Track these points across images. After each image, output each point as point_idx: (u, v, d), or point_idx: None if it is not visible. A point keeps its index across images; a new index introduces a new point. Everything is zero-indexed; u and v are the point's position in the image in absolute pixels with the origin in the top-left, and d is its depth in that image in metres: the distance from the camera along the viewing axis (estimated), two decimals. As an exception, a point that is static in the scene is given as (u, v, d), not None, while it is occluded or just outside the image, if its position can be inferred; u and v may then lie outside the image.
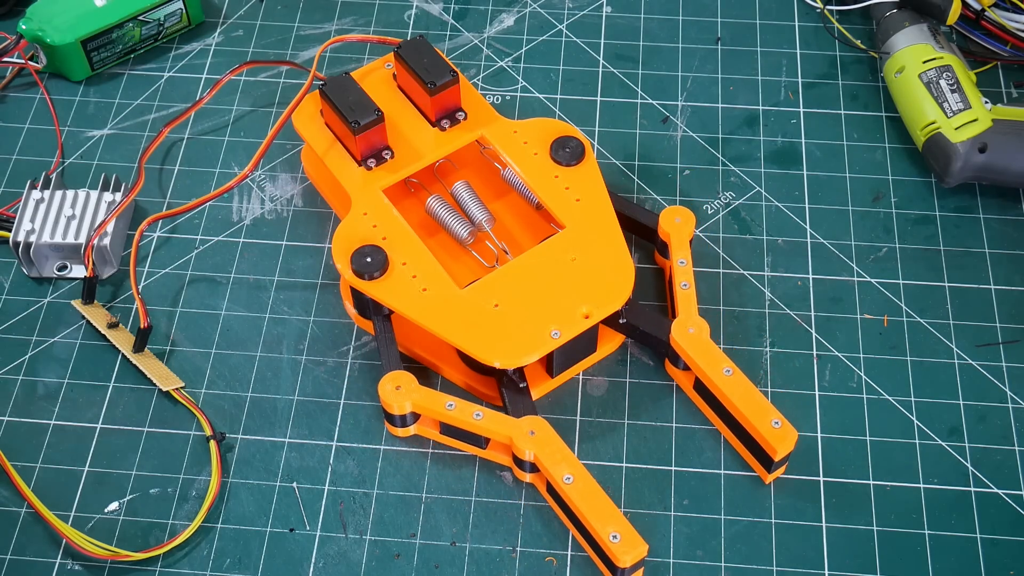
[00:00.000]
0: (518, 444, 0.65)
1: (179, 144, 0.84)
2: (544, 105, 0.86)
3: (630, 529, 0.62)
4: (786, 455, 0.66)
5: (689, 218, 0.73)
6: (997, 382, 0.72)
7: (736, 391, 0.67)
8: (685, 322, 0.69)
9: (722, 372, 0.67)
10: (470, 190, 0.75)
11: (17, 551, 0.67)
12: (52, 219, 0.77)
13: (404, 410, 0.68)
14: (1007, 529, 0.67)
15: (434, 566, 0.66)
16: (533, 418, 0.66)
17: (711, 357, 0.68)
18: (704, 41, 0.89)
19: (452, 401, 0.67)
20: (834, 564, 0.66)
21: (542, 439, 0.65)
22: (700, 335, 0.69)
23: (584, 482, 0.64)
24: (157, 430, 0.71)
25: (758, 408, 0.66)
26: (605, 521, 0.62)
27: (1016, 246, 0.78)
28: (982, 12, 0.85)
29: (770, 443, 0.65)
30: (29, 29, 0.85)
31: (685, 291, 0.71)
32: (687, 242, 0.73)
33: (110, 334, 0.74)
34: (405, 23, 0.91)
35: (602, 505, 0.63)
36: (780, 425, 0.66)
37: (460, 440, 0.69)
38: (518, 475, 0.68)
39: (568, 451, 0.65)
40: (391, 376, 0.68)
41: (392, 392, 0.67)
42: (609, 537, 0.62)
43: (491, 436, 0.67)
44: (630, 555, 0.62)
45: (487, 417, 0.66)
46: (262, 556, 0.66)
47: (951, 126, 0.78)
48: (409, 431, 0.70)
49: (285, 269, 0.78)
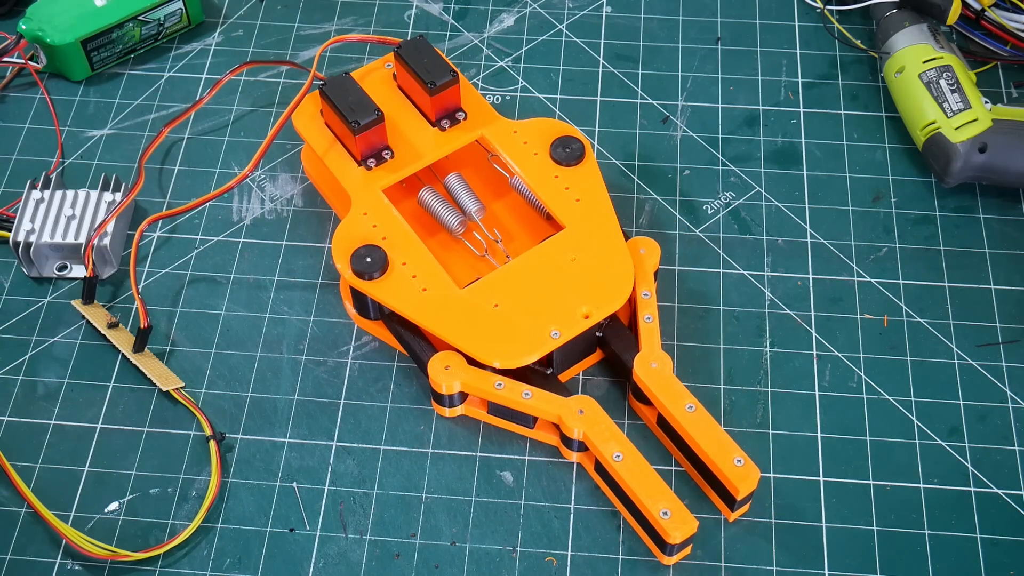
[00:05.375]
0: (567, 422, 0.65)
1: (179, 144, 0.84)
2: (544, 105, 0.86)
3: (680, 506, 0.63)
4: (749, 494, 0.65)
5: (654, 249, 0.72)
6: (997, 382, 0.72)
7: (698, 428, 0.65)
8: (648, 356, 0.68)
9: (684, 408, 0.66)
10: (462, 181, 0.75)
11: (17, 551, 0.67)
12: (52, 219, 0.77)
13: (453, 390, 0.68)
14: (1007, 529, 0.67)
15: (434, 566, 0.66)
16: (581, 396, 0.66)
17: (673, 393, 0.67)
18: (704, 41, 0.90)
19: (501, 381, 0.67)
20: (834, 564, 0.66)
21: (591, 417, 0.65)
22: (663, 370, 0.67)
23: (633, 459, 0.64)
24: (157, 430, 0.71)
25: (720, 446, 0.65)
26: (656, 498, 0.63)
27: (1016, 246, 0.78)
28: (982, 12, 0.85)
29: (732, 482, 0.64)
30: (29, 29, 0.85)
31: (648, 324, 0.69)
32: (651, 274, 0.71)
33: (110, 334, 0.74)
34: (405, 23, 0.91)
35: (652, 482, 0.63)
36: (743, 463, 0.64)
37: (508, 420, 0.69)
38: (565, 454, 0.68)
39: (617, 429, 0.65)
40: (441, 356, 0.68)
41: (442, 372, 0.67)
42: (660, 513, 0.62)
43: (540, 415, 0.67)
44: (680, 531, 0.62)
45: (536, 396, 0.66)
46: (262, 556, 0.66)
47: (951, 126, 0.78)
48: (457, 411, 0.70)
49: (285, 269, 0.78)
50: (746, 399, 0.71)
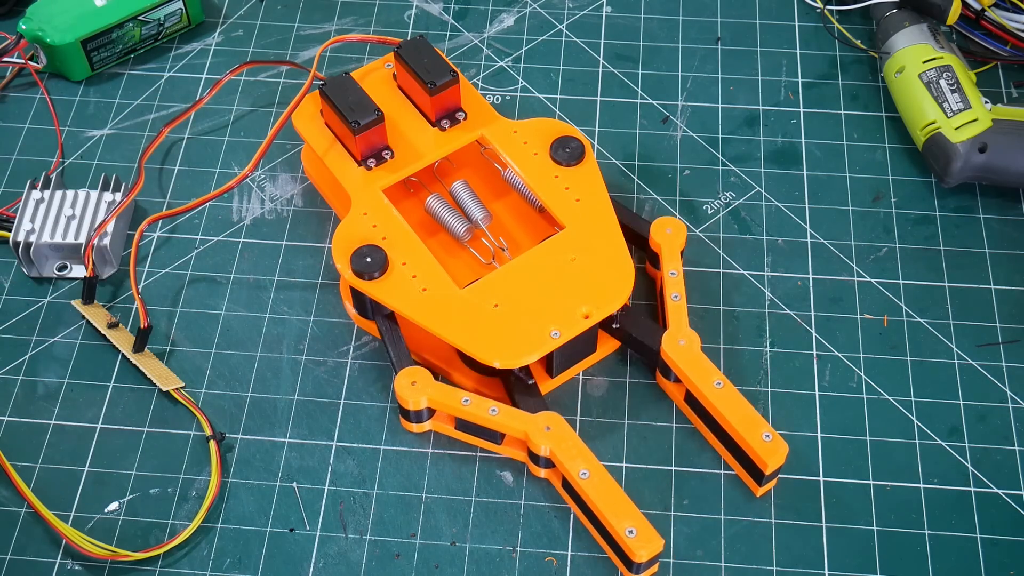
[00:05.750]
0: (534, 439, 0.65)
1: (179, 144, 0.84)
2: (544, 105, 0.86)
3: (646, 524, 0.62)
4: (777, 468, 0.66)
5: (680, 229, 0.73)
6: (997, 382, 0.72)
7: (727, 404, 0.66)
8: (676, 334, 0.69)
9: (713, 385, 0.67)
10: (468, 189, 0.75)
11: (17, 551, 0.67)
12: (52, 219, 0.77)
13: (420, 405, 0.68)
14: (1007, 529, 0.67)
15: (434, 566, 0.66)
16: (549, 413, 0.66)
17: (702, 370, 0.67)
18: (704, 41, 0.89)
19: (468, 396, 0.67)
20: (834, 564, 0.66)
21: (558, 434, 0.65)
22: (691, 347, 0.68)
23: (600, 477, 0.64)
24: (157, 430, 0.71)
25: (749, 421, 0.66)
26: (621, 516, 0.62)
27: (1016, 246, 0.78)
28: (982, 12, 0.85)
29: (760, 456, 0.65)
30: (29, 29, 0.85)
31: (676, 303, 0.70)
32: (678, 253, 0.72)
33: (110, 334, 0.74)
34: (405, 23, 0.91)
35: (618, 500, 0.63)
36: (771, 438, 0.65)
37: (475, 436, 0.69)
38: (533, 471, 0.68)
39: (584, 446, 0.65)
40: (407, 372, 0.68)
41: (408, 387, 0.67)
42: (625, 532, 0.62)
43: (507, 431, 0.67)
44: (646, 550, 0.62)
45: (503, 412, 0.66)
46: (262, 556, 0.66)
47: (951, 126, 0.78)
48: (424, 427, 0.70)
49: (285, 269, 0.78)
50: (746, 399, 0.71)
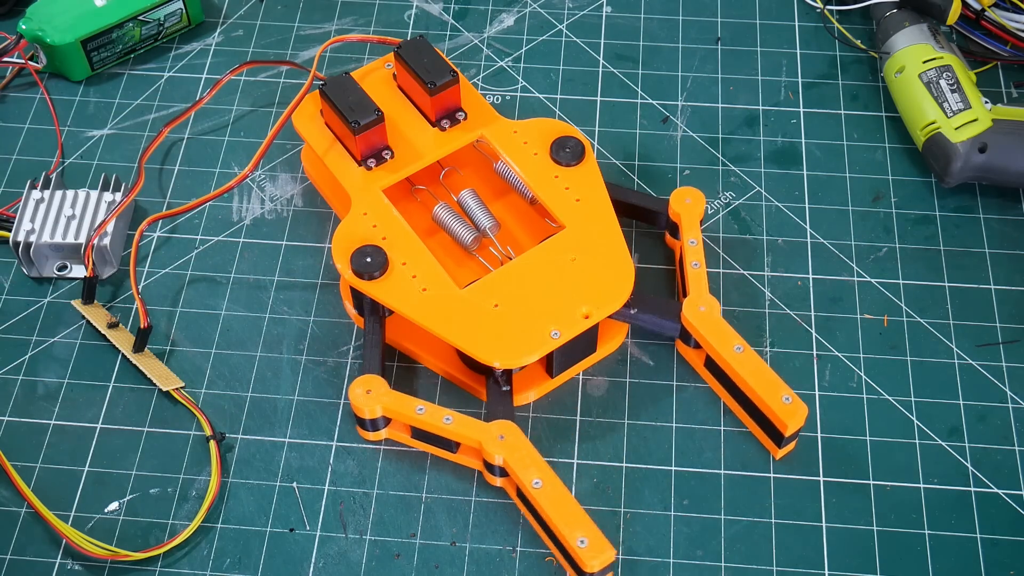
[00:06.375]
0: (487, 448, 0.65)
1: (179, 144, 0.84)
2: (544, 105, 0.86)
3: (598, 534, 0.62)
4: (796, 430, 0.67)
5: (700, 199, 0.74)
6: (997, 382, 0.72)
7: (747, 368, 0.68)
8: (696, 300, 0.70)
9: (733, 349, 0.68)
10: (476, 197, 0.75)
11: (17, 551, 0.67)
12: (52, 219, 0.77)
13: (375, 414, 0.68)
14: (1007, 529, 0.67)
15: (434, 566, 0.66)
16: (503, 422, 0.66)
17: (722, 334, 0.69)
18: (704, 41, 0.89)
19: (422, 405, 0.67)
20: (834, 564, 0.66)
21: (511, 443, 0.65)
22: (711, 313, 0.70)
23: (553, 487, 0.64)
24: (157, 430, 0.71)
25: (769, 384, 0.67)
26: (573, 526, 0.62)
27: (1016, 246, 0.78)
28: (982, 12, 0.85)
29: (781, 418, 0.66)
30: (29, 29, 0.85)
31: (696, 270, 0.72)
32: (697, 222, 0.74)
33: (110, 334, 0.74)
34: (405, 23, 0.91)
35: (570, 510, 0.63)
36: (791, 401, 0.66)
37: (431, 444, 0.69)
38: (488, 479, 0.68)
39: (537, 455, 0.65)
40: (362, 380, 0.68)
41: (362, 396, 0.67)
42: (577, 542, 0.62)
43: (461, 440, 0.67)
44: (598, 560, 0.62)
45: (457, 421, 0.66)
46: (262, 556, 0.66)
47: (951, 126, 0.78)
48: (380, 435, 0.70)
49: (285, 269, 0.78)
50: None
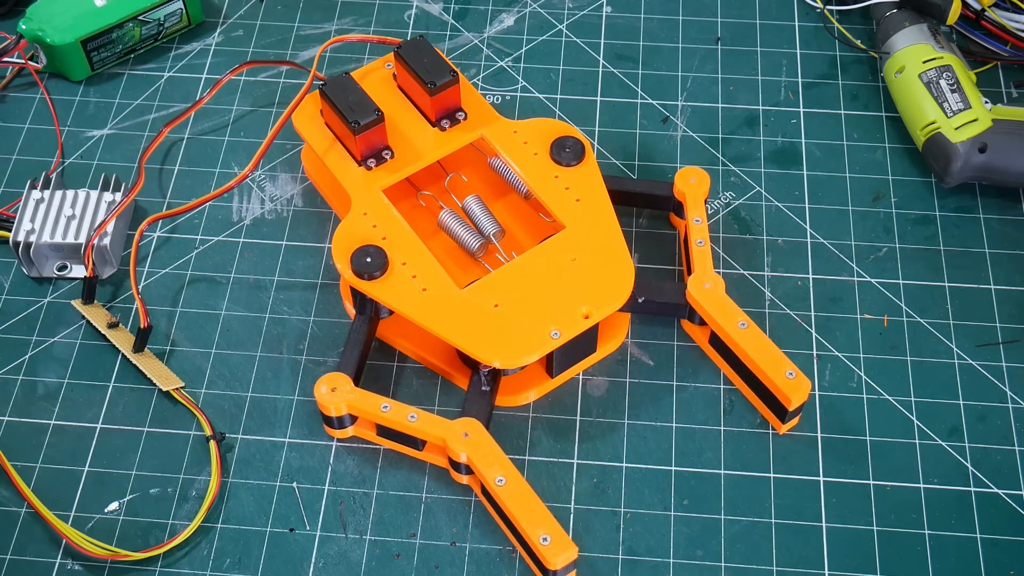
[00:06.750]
0: (451, 446, 0.65)
1: (179, 144, 0.84)
2: (544, 105, 0.86)
3: (560, 531, 0.62)
4: (800, 405, 0.68)
5: (704, 178, 0.75)
6: (997, 382, 0.72)
7: (751, 343, 0.68)
8: (701, 278, 0.71)
9: (737, 325, 0.69)
10: (480, 203, 0.75)
11: (17, 551, 0.67)
12: (52, 219, 0.77)
13: (340, 411, 0.68)
14: (1007, 529, 0.67)
15: (434, 566, 0.66)
16: (468, 420, 0.66)
17: (726, 311, 0.70)
18: (704, 41, 0.89)
19: (387, 403, 0.67)
20: (834, 564, 0.66)
21: (475, 441, 0.65)
22: (716, 290, 0.70)
23: (516, 484, 0.64)
24: (157, 430, 0.71)
25: (772, 359, 0.68)
26: (536, 523, 0.63)
27: (1016, 246, 0.78)
28: (982, 12, 0.85)
29: (784, 393, 0.67)
30: (29, 29, 0.85)
31: (700, 248, 0.72)
32: (702, 201, 0.75)
33: (110, 334, 0.74)
34: (405, 23, 0.91)
35: (533, 507, 0.63)
36: (794, 376, 0.67)
37: (396, 442, 0.69)
38: (455, 477, 0.68)
39: (501, 453, 0.65)
40: (327, 378, 0.68)
41: (327, 394, 0.67)
42: (539, 539, 0.62)
43: (425, 438, 0.67)
44: (560, 557, 0.62)
45: (421, 419, 0.66)
46: (262, 556, 0.66)
47: (951, 126, 0.78)
48: (347, 432, 0.70)
49: (285, 269, 0.78)
50: (746, 399, 0.71)
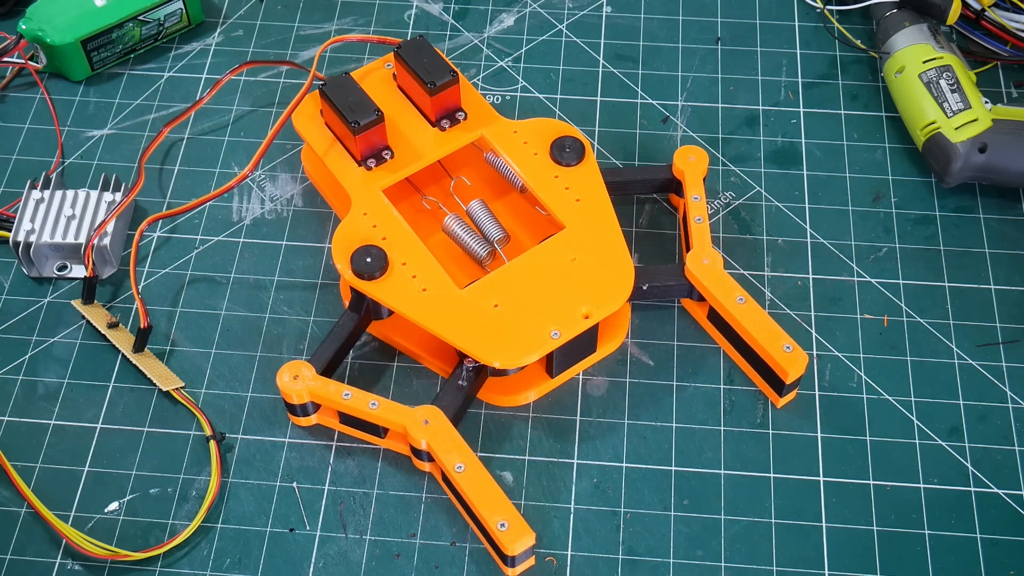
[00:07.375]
0: (412, 433, 0.66)
1: (179, 144, 0.84)
2: (544, 105, 0.86)
3: (518, 518, 0.63)
4: (797, 378, 0.69)
5: (702, 157, 0.76)
6: (997, 382, 0.72)
7: (749, 318, 0.69)
8: (699, 254, 0.72)
9: (735, 300, 0.70)
10: (485, 208, 0.75)
11: (17, 551, 0.67)
12: (52, 219, 0.77)
13: (303, 399, 0.68)
14: (1007, 529, 0.67)
15: (434, 566, 0.66)
16: (428, 407, 0.66)
17: (724, 286, 0.70)
18: (704, 41, 0.89)
19: (348, 391, 0.67)
20: (834, 564, 0.66)
21: (435, 428, 0.66)
22: (714, 266, 0.71)
23: (475, 471, 0.64)
24: (157, 430, 0.71)
25: (770, 334, 0.69)
26: (494, 510, 0.63)
27: (1016, 246, 0.78)
28: (982, 12, 0.85)
29: (782, 366, 0.68)
30: (29, 29, 0.85)
31: (699, 224, 0.73)
32: (700, 179, 0.76)
33: (110, 334, 0.74)
34: (405, 23, 0.91)
35: (492, 494, 0.64)
36: (792, 349, 0.68)
37: (359, 430, 0.69)
38: (417, 465, 0.69)
39: (461, 440, 0.65)
40: (289, 366, 0.68)
41: (289, 382, 0.68)
42: (497, 525, 0.63)
43: (386, 425, 0.67)
44: (518, 543, 0.63)
45: (382, 406, 0.67)
46: (262, 556, 0.66)
47: (951, 126, 0.78)
48: (311, 420, 0.70)
49: (285, 269, 0.78)
50: (746, 399, 0.71)
